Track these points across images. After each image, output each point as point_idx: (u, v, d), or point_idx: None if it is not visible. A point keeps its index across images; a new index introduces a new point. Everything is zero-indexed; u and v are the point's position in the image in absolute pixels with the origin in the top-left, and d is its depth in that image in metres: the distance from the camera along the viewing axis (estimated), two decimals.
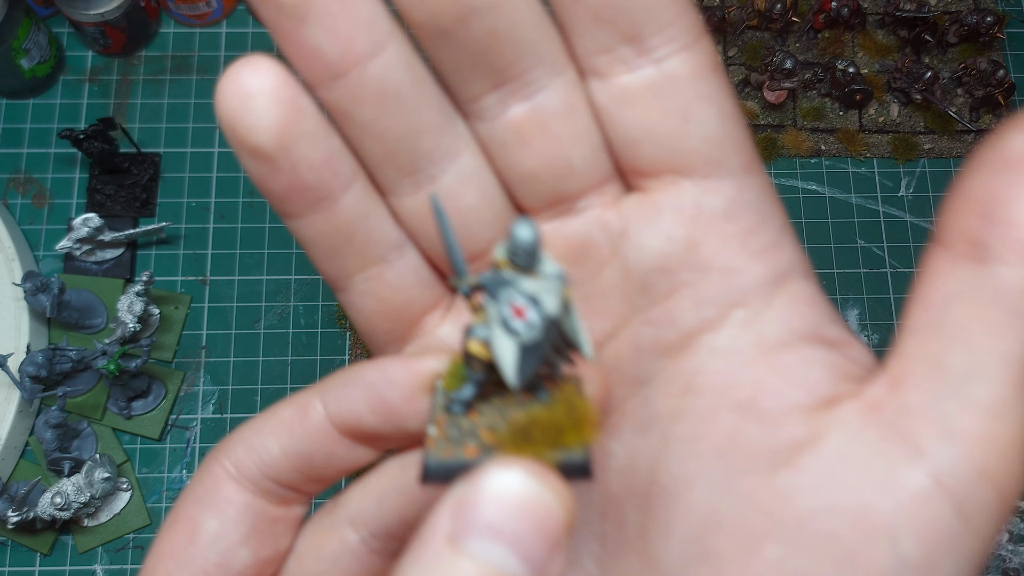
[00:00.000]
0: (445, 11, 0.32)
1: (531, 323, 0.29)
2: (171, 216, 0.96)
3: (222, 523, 0.35)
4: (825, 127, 1.01)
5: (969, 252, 0.31)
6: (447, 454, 0.29)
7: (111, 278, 0.92)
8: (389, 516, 0.36)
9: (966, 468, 0.29)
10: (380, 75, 0.33)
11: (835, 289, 0.98)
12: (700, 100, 0.34)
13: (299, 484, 0.36)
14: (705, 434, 0.34)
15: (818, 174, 1.00)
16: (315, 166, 0.35)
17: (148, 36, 1.01)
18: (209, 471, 0.36)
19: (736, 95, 0.36)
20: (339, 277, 0.39)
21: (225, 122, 0.33)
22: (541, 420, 0.30)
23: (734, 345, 0.35)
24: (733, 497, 0.33)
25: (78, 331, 0.90)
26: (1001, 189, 0.30)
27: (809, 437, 0.32)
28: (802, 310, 0.35)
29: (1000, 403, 0.29)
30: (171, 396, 0.90)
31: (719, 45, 1.03)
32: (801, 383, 0.33)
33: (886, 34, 1.04)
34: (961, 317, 0.31)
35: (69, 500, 0.81)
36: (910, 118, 1.02)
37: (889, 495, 0.30)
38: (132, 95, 1.00)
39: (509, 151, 0.35)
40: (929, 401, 0.30)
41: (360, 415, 0.34)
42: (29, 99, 0.99)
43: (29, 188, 0.96)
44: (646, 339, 0.36)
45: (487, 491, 0.26)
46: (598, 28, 0.33)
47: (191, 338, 0.93)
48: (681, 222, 0.35)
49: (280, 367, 0.92)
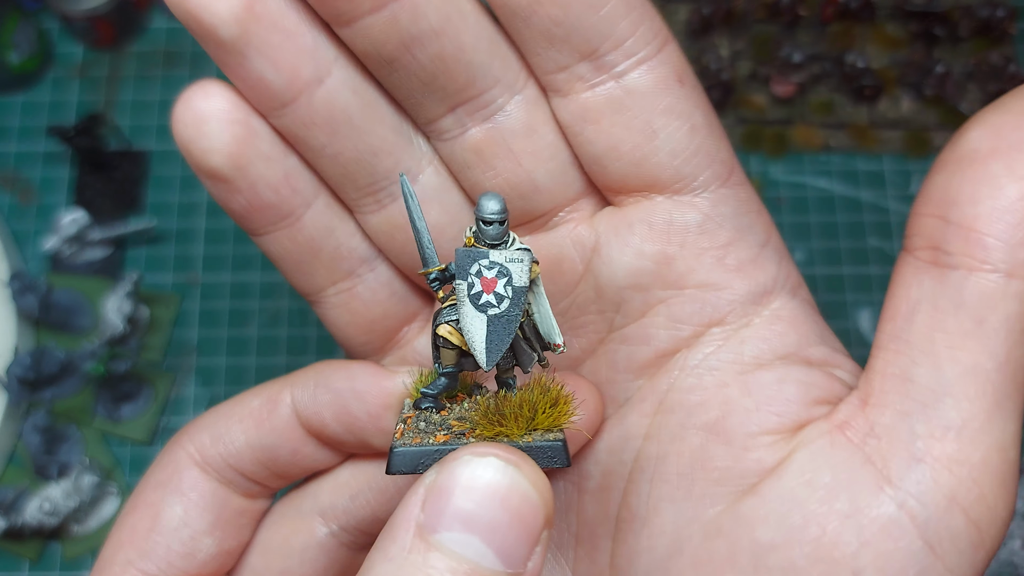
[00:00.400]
0: (387, 40, 0.31)
1: (501, 294, 0.29)
2: (161, 214, 0.94)
3: (187, 509, 0.34)
4: (835, 122, 1.00)
5: (931, 257, 0.30)
6: (415, 442, 0.28)
7: (99, 278, 0.90)
8: (362, 512, 0.36)
9: (935, 495, 0.28)
10: (328, 100, 0.33)
11: (844, 290, 0.96)
12: (665, 114, 0.33)
13: (263, 478, 0.36)
14: (672, 454, 0.33)
15: (826, 171, 0.98)
16: (273, 185, 0.35)
17: (139, 29, 0.99)
18: (172, 456, 0.35)
19: (711, 104, 0.35)
20: (310, 291, 0.39)
21: (181, 146, 0.34)
22: (513, 399, 0.28)
23: (708, 363, 0.34)
24: (697, 524, 0.31)
25: (65, 332, 0.89)
26: (958, 189, 0.28)
27: (775, 461, 0.31)
28: (783, 329, 0.34)
29: (970, 423, 0.28)
30: (161, 399, 0.88)
31: (725, 38, 1.01)
32: (773, 404, 0.32)
33: (896, 27, 1.03)
34: (926, 328, 0.29)
35: (57, 506, 0.79)
36: (921, 113, 1.00)
37: (853, 527, 0.28)
38: (122, 91, 0.98)
39: (472, 171, 0.35)
40: (896, 422, 0.29)
41: (325, 421, 0.34)
42: (17, 95, 0.97)
43: (16, 185, 0.95)
44: (621, 357, 0.36)
45: (459, 479, 0.24)
46: (551, 47, 0.32)
47: (181, 339, 0.91)
48: (653, 237, 0.34)
49: (273, 370, 0.90)
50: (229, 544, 0.35)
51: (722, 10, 0.99)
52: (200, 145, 0.33)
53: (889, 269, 0.99)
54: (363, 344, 0.39)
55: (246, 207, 0.35)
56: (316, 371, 0.35)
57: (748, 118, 0.98)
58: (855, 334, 0.93)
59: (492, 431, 0.28)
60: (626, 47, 0.32)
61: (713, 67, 0.97)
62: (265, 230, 0.36)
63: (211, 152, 0.34)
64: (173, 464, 0.35)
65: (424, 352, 0.39)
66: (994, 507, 0.27)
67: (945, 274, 0.29)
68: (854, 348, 0.93)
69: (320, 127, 0.34)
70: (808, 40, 1.02)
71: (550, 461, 0.27)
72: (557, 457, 0.28)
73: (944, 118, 1.00)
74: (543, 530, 0.25)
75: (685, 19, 1.00)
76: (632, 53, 0.32)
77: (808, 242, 0.96)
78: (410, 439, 0.28)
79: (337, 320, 0.39)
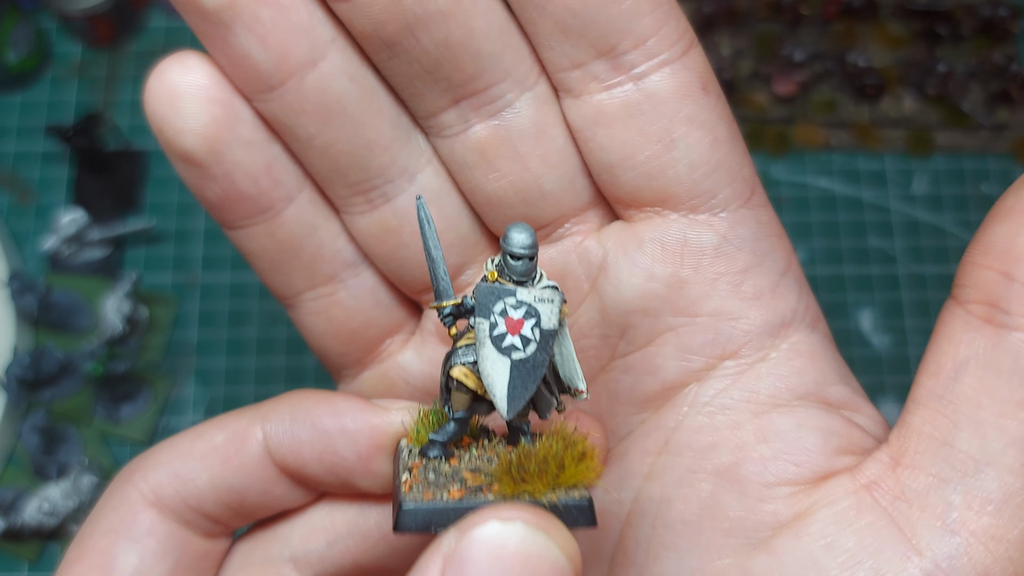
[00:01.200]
0: (390, 20, 0.29)
1: (527, 337, 0.26)
2: (160, 214, 0.94)
3: (142, 557, 0.30)
4: (837, 121, 0.99)
5: (986, 314, 0.27)
6: (427, 497, 0.25)
7: (98, 278, 0.90)
8: (341, 559, 0.32)
9: (967, 571, 0.26)
10: (320, 86, 0.30)
11: (845, 289, 0.95)
12: (686, 123, 0.30)
13: (226, 519, 0.32)
14: (678, 500, 0.31)
15: (828, 170, 0.98)
16: (252, 175, 0.32)
17: (138, 29, 0.99)
18: (123, 496, 0.31)
19: (733, 116, 0.32)
20: (287, 294, 0.36)
21: (153, 124, 0.31)
22: (537, 454, 0.26)
23: (721, 401, 0.31)
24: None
25: (64, 332, 0.88)
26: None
27: (793, 516, 0.29)
28: (802, 365, 0.31)
29: (1013, 498, 0.26)
30: (160, 399, 0.88)
31: (727, 37, 1.01)
32: (791, 453, 0.30)
33: (898, 26, 1.02)
34: (972, 391, 0.27)
35: (56, 506, 0.79)
36: (924, 112, 1.00)
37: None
38: (121, 90, 0.98)
39: (473, 172, 0.32)
40: (931, 487, 0.27)
41: (304, 461, 0.30)
42: (16, 94, 0.97)
43: (15, 185, 0.95)
44: (624, 388, 0.33)
45: (483, 546, 0.22)
46: (566, 40, 0.29)
47: (180, 340, 0.90)
48: (665, 259, 0.31)
49: (272, 370, 0.90)
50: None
51: (724, 8, 0.99)
52: (173, 124, 0.30)
53: (890, 269, 0.99)
54: (341, 355, 0.36)
55: (220, 196, 0.32)
56: (292, 404, 0.31)
57: (749, 117, 0.98)
58: (855, 334, 0.92)
59: (513, 488, 0.25)
60: (648, 47, 0.29)
61: (714, 66, 0.96)
62: (240, 224, 0.33)
63: (185, 132, 0.30)
64: (125, 506, 0.30)
65: (409, 368, 0.36)
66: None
67: (1001, 335, 0.27)
68: (854, 348, 0.93)
69: (310, 115, 0.30)
70: (810, 39, 1.01)
71: (576, 522, 0.25)
72: (583, 517, 0.25)
73: (946, 117, 0.99)
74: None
75: (687, 17, 1.00)
76: (654, 54, 0.30)
77: (809, 241, 0.95)
78: (420, 493, 0.26)
79: (314, 328, 0.36)
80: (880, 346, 0.92)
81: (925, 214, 0.97)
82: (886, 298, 0.94)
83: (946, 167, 0.99)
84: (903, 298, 0.95)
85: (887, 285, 0.95)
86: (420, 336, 0.36)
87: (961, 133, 0.99)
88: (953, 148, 0.99)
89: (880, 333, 0.93)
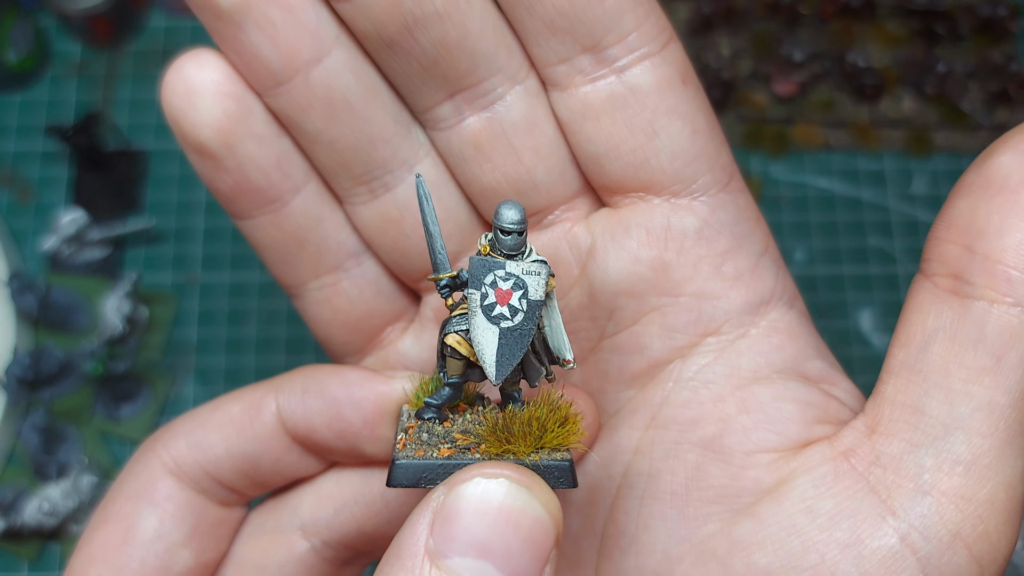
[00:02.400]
0: (390, 21, 0.30)
1: (515, 307, 0.28)
2: (159, 213, 0.94)
3: (162, 521, 0.33)
4: (836, 121, 0.99)
5: (951, 286, 0.29)
6: (418, 454, 0.27)
7: (98, 277, 0.90)
8: (346, 527, 0.34)
9: (939, 530, 0.27)
10: (326, 83, 0.32)
11: (845, 289, 0.95)
12: (668, 113, 0.32)
13: (241, 487, 0.34)
14: (666, 472, 0.32)
15: (827, 169, 0.98)
16: (263, 167, 0.33)
17: (137, 28, 0.99)
18: (145, 464, 0.33)
19: (711, 106, 0.34)
20: (293, 283, 0.37)
21: (169, 117, 0.32)
22: (522, 416, 0.27)
23: (704, 376, 0.33)
24: (689, 544, 0.31)
25: (64, 332, 0.88)
26: (986, 217, 0.28)
27: (774, 483, 0.30)
28: (780, 341, 0.33)
29: (980, 459, 0.27)
30: (160, 398, 0.88)
31: (726, 37, 1.01)
32: (771, 422, 0.31)
33: (897, 25, 1.02)
34: (941, 360, 0.28)
35: (56, 506, 0.79)
36: (923, 112, 1.00)
37: (853, 557, 0.28)
38: (120, 89, 0.98)
39: (469, 164, 0.34)
40: (904, 452, 0.28)
41: (315, 427, 0.33)
42: (15, 94, 0.97)
43: (14, 184, 0.95)
44: (613, 367, 0.34)
45: (469, 501, 0.24)
46: (553, 37, 0.31)
47: (180, 339, 0.90)
48: (650, 242, 0.33)
49: (272, 369, 0.90)
50: (207, 556, 0.34)
51: (723, 8, 0.99)
52: (189, 117, 0.32)
53: (890, 268, 0.99)
54: (344, 343, 0.38)
55: (232, 188, 0.34)
56: (304, 376, 0.33)
57: (749, 117, 0.98)
58: (855, 333, 0.92)
59: (499, 448, 0.27)
60: (629, 41, 0.31)
61: (714, 66, 0.97)
62: (250, 214, 0.35)
63: (200, 126, 0.32)
64: (147, 473, 0.33)
65: (408, 355, 0.37)
66: (997, 544, 0.27)
67: (966, 305, 0.28)
68: (854, 347, 0.93)
69: (317, 111, 0.32)
70: (809, 38, 1.01)
71: (557, 482, 0.27)
72: (564, 478, 0.27)
73: (945, 117, 0.99)
74: (552, 550, 0.24)
75: (686, 17, 1.00)
76: (635, 48, 0.31)
77: (808, 241, 0.95)
78: (412, 451, 0.28)
79: (319, 316, 0.37)
80: (880, 346, 0.92)
81: (924, 214, 0.97)
82: (886, 298, 0.94)
83: (945, 167, 0.99)
84: (903, 298, 0.95)
85: (886, 285, 0.95)
86: (419, 324, 0.38)
87: (960, 133, 0.99)
88: (952, 148, 0.99)
89: (880, 333, 0.94)
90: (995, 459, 0.27)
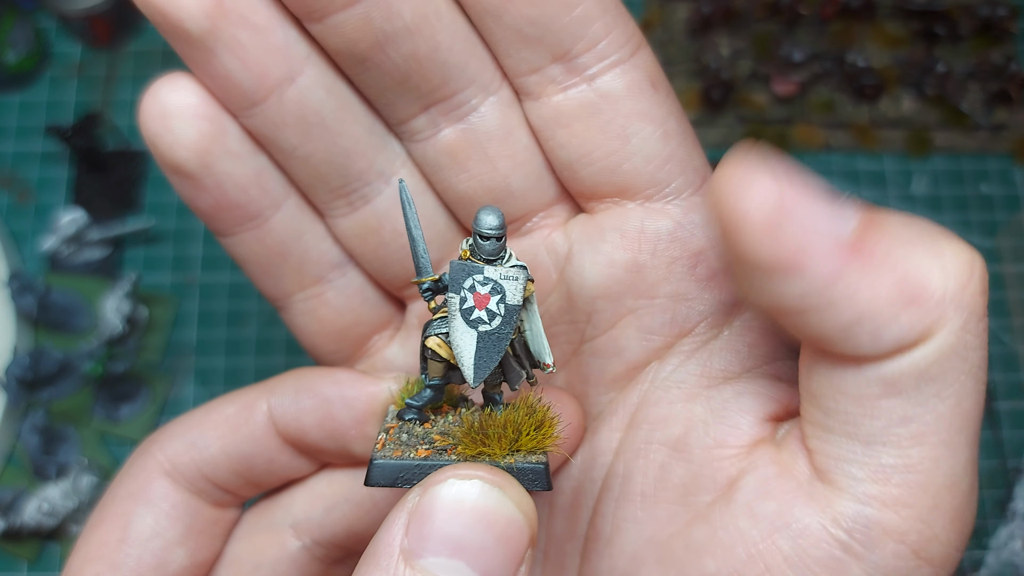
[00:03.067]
0: (361, 38, 0.31)
1: (493, 311, 0.28)
2: (159, 214, 0.93)
3: (158, 520, 0.33)
4: (836, 121, 0.99)
5: None
6: (396, 455, 0.28)
7: (97, 278, 0.90)
8: (337, 526, 0.35)
9: (882, 538, 0.27)
10: (299, 100, 0.33)
11: None
12: (638, 118, 0.32)
13: (235, 487, 0.35)
14: (637, 472, 0.32)
15: (827, 170, 0.98)
16: (241, 184, 0.34)
17: (136, 28, 0.99)
18: (142, 464, 0.34)
19: (683, 110, 0.34)
20: (278, 296, 0.38)
21: (147, 140, 0.33)
22: (498, 419, 0.28)
23: (676, 376, 0.33)
24: (653, 546, 0.31)
25: (64, 332, 0.88)
26: None
27: (727, 482, 0.30)
28: (753, 340, 0.33)
29: (915, 467, 0.26)
30: (159, 399, 0.88)
31: (725, 37, 1.01)
32: (729, 417, 0.31)
33: (897, 26, 1.02)
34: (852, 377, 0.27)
35: (55, 506, 0.79)
36: (922, 112, 1.00)
37: (797, 567, 0.27)
38: (120, 90, 0.98)
39: (445, 173, 0.34)
40: (834, 465, 0.28)
41: (305, 427, 0.33)
42: (15, 94, 0.97)
43: (14, 185, 0.95)
44: (594, 371, 0.35)
45: (443, 502, 0.24)
46: (524, 47, 0.32)
47: (179, 340, 0.90)
48: (624, 245, 0.33)
49: (271, 370, 0.90)
50: (201, 555, 0.34)
51: (722, 9, 0.99)
52: (166, 140, 0.33)
53: None
54: (332, 353, 0.38)
55: (213, 206, 0.35)
56: (296, 377, 0.34)
57: (748, 117, 0.98)
58: None
59: (474, 450, 0.27)
60: (599, 49, 0.31)
61: (713, 66, 0.97)
62: (232, 231, 0.36)
63: (176, 147, 0.33)
64: (143, 474, 0.34)
65: (395, 362, 0.38)
66: (947, 542, 0.26)
67: None
68: None
69: (292, 128, 0.33)
70: (808, 39, 1.01)
71: (531, 484, 0.27)
72: (539, 480, 0.27)
73: (945, 117, 0.99)
74: (527, 550, 0.25)
75: (685, 18, 1.00)
76: (605, 56, 0.32)
77: None
78: (391, 451, 0.28)
79: (305, 327, 0.38)
80: None
81: (924, 214, 0.97)
82: None
83: (945, 167, 0.99)
84: None
85: None
86: (405, 331, 0.38)
87: (960, 133, 0.99)
88: (952, 148, 0.99)
89: None
90: (932, 464, 0.26)
